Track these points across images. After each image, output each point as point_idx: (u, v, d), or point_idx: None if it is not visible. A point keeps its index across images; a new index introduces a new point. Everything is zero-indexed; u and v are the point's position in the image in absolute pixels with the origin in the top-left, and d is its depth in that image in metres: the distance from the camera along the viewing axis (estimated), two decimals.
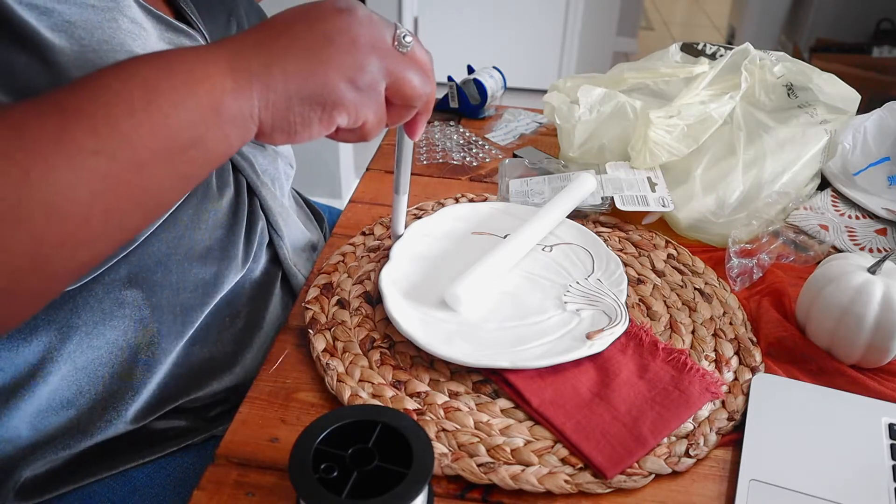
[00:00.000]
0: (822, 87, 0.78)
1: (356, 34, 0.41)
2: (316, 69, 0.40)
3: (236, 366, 0.62)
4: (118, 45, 0.47)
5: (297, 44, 0.40)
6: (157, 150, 0.37)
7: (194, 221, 0.57)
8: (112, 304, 0.54)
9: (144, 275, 0.55)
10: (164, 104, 0.37)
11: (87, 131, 0.35)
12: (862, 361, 0.57)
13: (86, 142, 0.35)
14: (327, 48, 0.41)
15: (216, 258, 0.59)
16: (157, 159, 0.37)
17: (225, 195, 0.60)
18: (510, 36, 3.18)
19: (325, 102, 0.41)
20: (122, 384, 0.56)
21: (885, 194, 0.81)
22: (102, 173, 0.35)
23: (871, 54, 2.81)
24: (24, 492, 0.55)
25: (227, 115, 0.39)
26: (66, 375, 0.54)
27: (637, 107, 0.78)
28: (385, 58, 0.42)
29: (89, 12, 0.47)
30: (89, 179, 0.35)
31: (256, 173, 0.64)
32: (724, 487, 0.48)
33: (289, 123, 0.41)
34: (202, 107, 0.38)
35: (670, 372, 0.54)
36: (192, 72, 0.38)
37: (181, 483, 0.57)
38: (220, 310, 0.61)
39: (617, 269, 0.63)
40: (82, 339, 0.54)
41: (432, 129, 0.97)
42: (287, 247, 0.67)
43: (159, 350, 0.57)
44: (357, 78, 0.41)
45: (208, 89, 0.38)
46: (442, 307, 0.59)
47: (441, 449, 0.49)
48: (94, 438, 0.56)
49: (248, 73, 0.40)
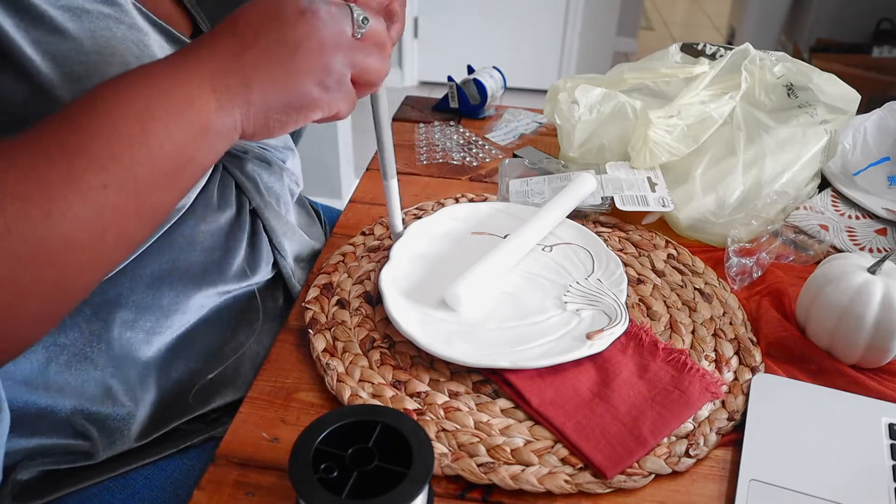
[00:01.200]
0: (822, 87, 0.78)
1: (321, 37, 0.43)
2: (288, 79, 0.43)
3: (238, 380, 0.62)
4: (110, 55, 0.48)
5: (269, 55, 0.43)
6: (157, 173, 0.41)
7: (190, 243, 0.57)
8: (100, 326, 0.55)
9: (135, 297, 0.55)
10: (158, 132, 0.40)
11: (95, 169, 0.38)
12: (862, 361, 0.57)
13: (95, 179, 0.38)
14: (297, 55, 0.43)
15: (213, 280, 0.60)
16: (158, 181, 0.41)
17: (224, 215, 0.60)
18: (510, 36, 3.18)
19: (301, 106, 0.44)
20: (115, 405, 0.57)
21: (885, 194, 0.81)
22: (112, 204, 0.39)
23: (871, 54, 2.81)
24: (21, 495, 0.55)
25: (215, 132, 0.42)
26: (55, 393, 0.55)
27: (637, 107, 0.78)
28: (348, 52, 0.45)
29: (83, 19, 0.48)
30: (101, 211, 0.39)
31: (260, 193, 0.64)
32: (724, 487, 0.48)
33: (268, 128, 0.45)
34: (192, 128, 0.41)
35: (670, 372, 0.54)
36: (179, 96, 0.41)
37: (181, 484, 0.57)
38: (220, 326, 0.62)
39: (617, 269, 0.63)
40: (70, 360, 0.54)
41: (432, 129, 0.97)
42: (290, 264, 0.67)
43: (152, 370, 0.58)
44: (326, 79, 0.44)
45: (196, 111, 0.41)
46: (442, 307, 0.59)
47: (441, 449, 0.49)
48: (99, 458, 0.57)
49: (229, 91, 0.42)
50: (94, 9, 0.49)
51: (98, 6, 0.49)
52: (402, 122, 0.99)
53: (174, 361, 0.59)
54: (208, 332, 0.61)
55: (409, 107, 1.03)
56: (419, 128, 0.97)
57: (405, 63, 3.25)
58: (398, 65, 3.26)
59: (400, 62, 3.25)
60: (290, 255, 0.67)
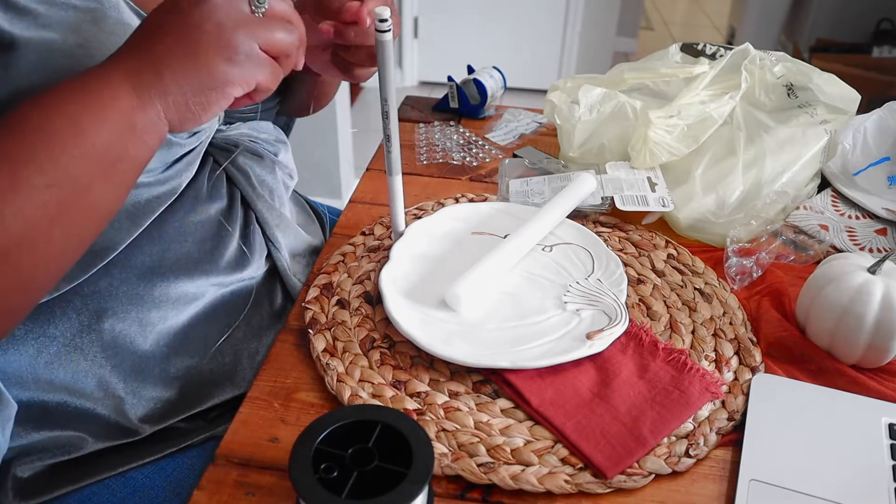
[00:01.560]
0: (822, 87, 0.78)
1: (218, 16, 0.45)
2: (196, 62, 0.45)
3: (236, 377, 0.62)
4: (95, 49, 0.49)
5: (174, 45, 0.45)
6: (93, 171, 0.44)
7: (180, 234, 0.58)
8: (90, 317, 0.55)
9: (126, 288, 0.56)
10: (89, 133, 0.43)
11: (35, 171, 0.42)
12: (862, 361, 0.57)
13: (37, 180, 0.42)
14: (200, 39, 0.44)
15: (204, 270, 0.60)
16: (95, 178, 0.44)
17: (214, 206, 0.60)
18: (510, 36, 3.18)
19: (215, 86, 0.46)
20: (108, 395, 0.57)
21: (885, 194, 0.81)
22: (56, 202, 0.43)
23: (871, 54, 2.81)
24: (23, 492, 0.55)
25: (140, 127, 0.45)
26: (44, 386, 0.55)
27: (637, 107, 0.77)
28: (248, 26, 0.46)
29: (69, 13, 0.48)
30: (46, 209, 0.42)
31: (252, 185, 0.65)
32: (724, 487, 0.48)
33: (192, 113, 0.46)
34: (119, 126, 0.44)
35: (670, 372, 0.54)
36: (102, 97, 0.44)
37: (181, 483, 0.57)
38: (218, 321, 0.62)
39: (617, 269, 0.63)
40: (59, 350, 0.54)
41: (432, 129, 0.97)
42: (285, 257, 0.67)
43: (148, 364, 0.58)
44: (233, 56, 0.45)
45: (119, 110, 0.44)
46: (442, 307, 0.59)
47: (441, 449, 0.49)
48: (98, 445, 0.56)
49: (144, 86, 0.45)
50: (80, 3, 0.49)
51: (84, 1, 0.50)
52: (402, 123, 0.99)
53: (171, 357, 0.59)
54: (205, 328, 0.61)
55: (409, 107, 1.03)
56: (419, 128, 0.97)
57: (405, 63, 3.25)
58: (398, 65, 3.26)
59: (400, 62, 3.25)
60: (284, 248, 0.67)
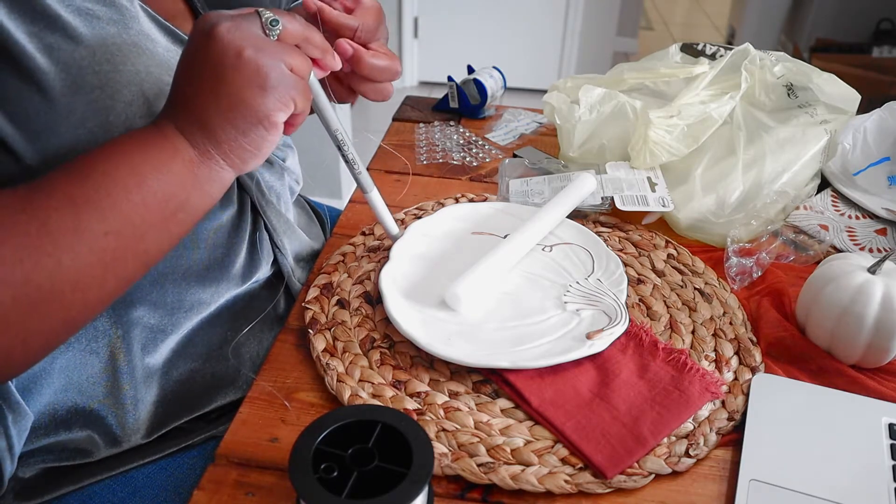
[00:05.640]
0: (822, 87, 0.78)
1: (236, 47, 0.44)
2: (233, 101, 0.44)
3: (239, 379, 0.62)
4: (121, 63, 0.49)
5: (208, 92, 0.44)
6: (153, 219, 0.45)
7: (193, 241, 0.58)
8: (105, 323, 0.56)
9: (139, 294, 0.56)
10: (151, 182, 0.44)
11: (98, 218, 0.43)
12: (862, 361, 0.57)
13: (98, 226, 0.43)
14: (224, 76, 0.44)
15: (215, 278, 0.60)
16: (153, 226, 0.45)
17: (226, 213, 0.60)
18: (510, 36, 3.18)
19: (259, 119, 0.45)
20: (117, 402, 0.57)
21: (885, 194, 0.80)
22: (113, 248, 0.43)
23: (871, 54, 2.81)
24: (24, 493, 0.55)
25: (202, 177, 0.46)
26: (58, 391, 0.55)
27: (637, 107, 0.77)
28: (267, 50, 0.45)
29: (94, 25, 0.48)
30: (103, 255, 0.43)
31: (262, 191, 0.65)
32: (724, 487, 0.48)
33: (249, 153, 0.47)
34: (180, 177, 0.45)
35: (670, 372, 0.54)
36: (164, 149, 0.45)
37: (181, 483, 0.57)
38: (221, 325, 0.62)
39: (617, 269, 0.63)
40: (75, 355, 0.55)
41: (432, 129, 0.97)
42: (290, 262, 0.67)
43: (155, 368, 0.58)
44: (264, 82, 0.44)
45: (180, 161, 0.45)
46: (442, 307, 0.59)
47: (441, 449, 0.49)
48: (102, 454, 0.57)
49: (197, 141, 0.46)
50: (104, 14, 0.49)
51: (107, 11, 0.49)
52: (401, 122, 0.99)
53: (176, 361, 0.59)
54: (210, 332, 0.61)
55: (408, 107, 1.03)
56: (419, 128, 0.97)
57: (405, 63, 3.25)
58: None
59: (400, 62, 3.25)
60: (290, 254, 0.67)
